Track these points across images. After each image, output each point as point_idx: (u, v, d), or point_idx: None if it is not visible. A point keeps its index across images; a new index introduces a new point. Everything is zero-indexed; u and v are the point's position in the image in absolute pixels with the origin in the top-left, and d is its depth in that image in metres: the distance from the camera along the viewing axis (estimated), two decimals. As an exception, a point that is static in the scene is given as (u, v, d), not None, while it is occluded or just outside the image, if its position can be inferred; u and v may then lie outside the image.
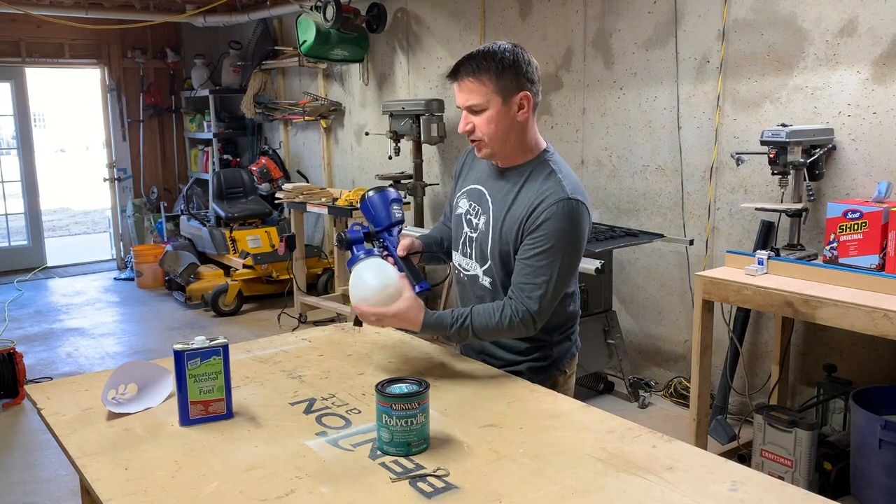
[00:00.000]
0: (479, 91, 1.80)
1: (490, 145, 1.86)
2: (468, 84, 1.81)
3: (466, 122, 1.86)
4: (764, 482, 1.36)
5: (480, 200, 1.96)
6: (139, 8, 6.90)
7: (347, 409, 1.70)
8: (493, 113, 1.82)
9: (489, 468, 1.42)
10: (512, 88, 1.81)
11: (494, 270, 1.93)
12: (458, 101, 1.87)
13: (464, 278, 2.03)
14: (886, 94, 3.13)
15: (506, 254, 1.89)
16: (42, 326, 5.82)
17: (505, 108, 1.82)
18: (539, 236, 1.80)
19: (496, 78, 1.80)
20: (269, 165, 6.75)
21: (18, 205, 7.91)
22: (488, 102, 1.81)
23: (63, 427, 1.63)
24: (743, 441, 3.31)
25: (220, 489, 1.36)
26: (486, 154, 1.90)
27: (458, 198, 2.05)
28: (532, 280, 1.80)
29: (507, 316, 1.82)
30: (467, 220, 1.99)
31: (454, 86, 1.86)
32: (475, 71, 1.80)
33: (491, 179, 1.97)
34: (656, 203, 4.10)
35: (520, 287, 1.82)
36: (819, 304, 2.64)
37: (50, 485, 3.32)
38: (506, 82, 1.80)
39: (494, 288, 1.94)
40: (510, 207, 1.88)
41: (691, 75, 3.85)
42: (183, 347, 1.62)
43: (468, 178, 2.06)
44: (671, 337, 4.14)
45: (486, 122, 1.83)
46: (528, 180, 1.87)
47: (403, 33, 5.62)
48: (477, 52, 1.83)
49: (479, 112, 1.83)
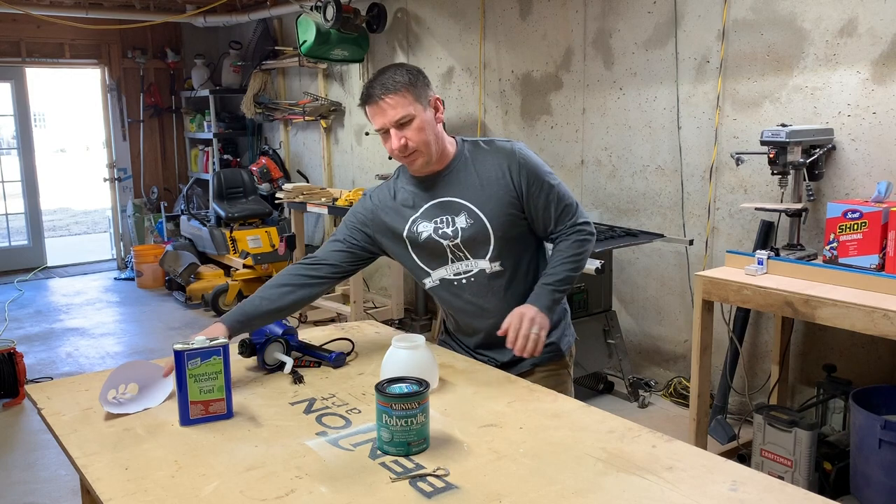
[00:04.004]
0: (403, 103, 1.88)
1: (426, 153, 1.93)
2: (390, 101, 1.87)
3: (399, 137, 1.89)
4: (764, 482, 1.36)
5: (446, 208, 1.99)
6: (139, 8, 6.90)
7: (347, 409, 1.70)
8: (421, 120, 1.90)
9: (489, 468, 1.42)
10: (424, 94, 1.92)
11: (503, 247, 1.98)
12: (383, 121, 1.90)
13: (467, 282, 2.02)
14: (886, 94, 3.13)
15: (512, 218, 1.98)
16: (42, 326, 5.82)
17: (428, 114, 1.92)
18: (533, 183, 1.97)
19: (412, 88, 1.89)
20: (269, 165, 6.76)
21: (19, 205, 7.91)
22: (415, 111, 1.89)
23: (63, 427, 1.63)
24: (743, 441, 3.31)
25: (220, 489, 1.36)
26: (423, 163, 1.95)
27: (415, 226, 2.01)
28: (561, 208, 2.01)
29: (578, 240, 2.01)
30: (441, 234, 1.99)
31: (370, 110, 1.92)
32: (393, 87, 1.88)
33: (437, 188, 2.00)
34: (656, 203, 4.10)
35: (560, 220, 2.01)
36: (819, 304, 2.64)
37: (50, 485, 3.32)
38: (418, 90, 1.90)
39: (505, 267, 2.00)
40: (482, 185, 1.97)
41: (691, 75, 3.85)
42: (183, 347, 1.62)
43: (403, 213, 2.02)
44: (671, 337, 4.14)
45: (417, 130, 1.90)
46: (475, 160, 2.00)
47: (403, 33, 5.62)
48: (382, 73, 1.92)
49: (407, 124, 1.89)
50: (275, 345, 1.97)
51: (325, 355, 2.01)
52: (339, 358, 2.00)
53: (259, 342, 1.97)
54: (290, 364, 1.93)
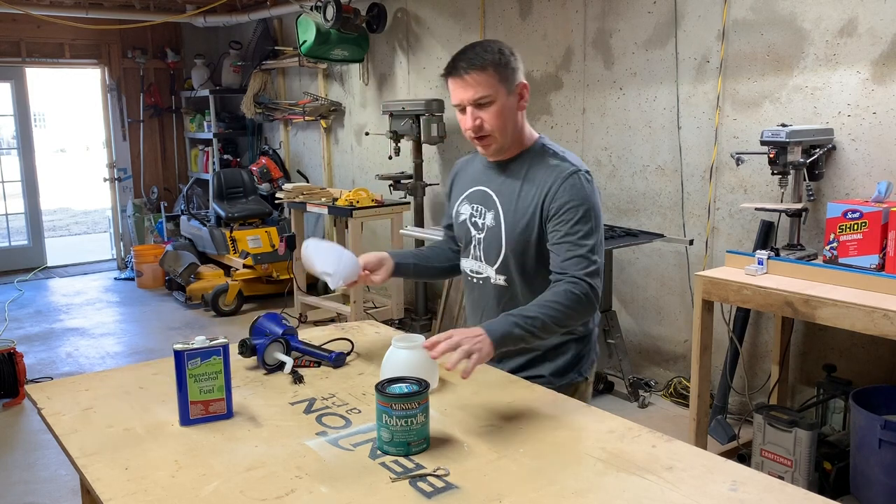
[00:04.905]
0: (487, 83, 1.77)
1: (499, 140, 1.84)
2: (474, 77, 1.77)
3: (474, 117, 1.80)
4: (764, 482, 1.36)
5: (484, 200, 1.94)
6: (139, 8, 6.91)
7: (347, 409, 1.70)
8: (501, 104, 1.79)
9: (489, 468, 1.42)
10: (512, 78, 1.81)
11: (510, 264, 1.89)
12: (461, 97, 1.81)
13: (478, 283, 2.00)
14: (886, 94, 3.13)
15: (523, 242, 1.85)
16: (42, 326, 5.82)
17: (510, 99, 1.81)
18: (566, 210, 1.77)
19: (500, 69, 1.78)
20: (269, 165, 6.76)
21: (19, 205, 7.91)
22: (496, 94, 1.78)
23: (63, 427, 1.63)
24: (743, 441, 3.31)
25: (220, 489, 1.36)
26: (495, 150, 1.87)
27: (459, 205, 2.02)
28: (577, 252, 1.76)
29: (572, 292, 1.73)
30: (473, 223, 1.96)
31: (452, 83, 1.82)
32: (480, 64, 1.77)
33: (491, 177, 1.94)
34: (656, 203, 4.10)
35: (567, 264, 1.76)
36: (819, 304, 2.64)
37: (50, 485, 3.32)
38: (507, 73, 1.80)
39: (511, 285, 1.91)
40: (519, 195, 1.86)
41: (691, 75, 3.85)
42: (183, 347, 1.62)
43: (464, 186, 2.03)
44: (671, 337, 4.14)
45: (495, 114, 1.80)
46: (532, 167, 1.86)
47: (403, 33, 5.62)
48: (473, 47, 1.81)
49: (486, 105, 1.79)
50: (275, 345, 1.97)
51: (325, 355, 2.01)
52: (339, 358, 2.00)
53: (259, 342, 1.97)
54: (290, 364, 1.93)
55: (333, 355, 2.00)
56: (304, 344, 2.06)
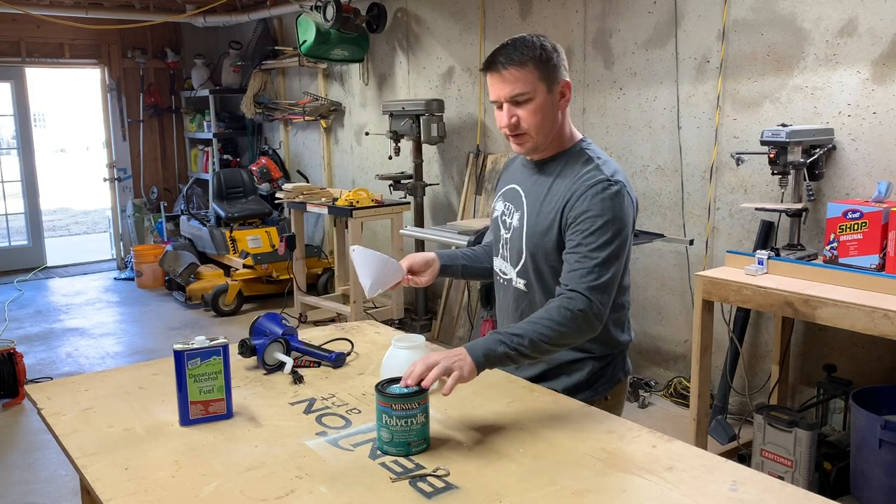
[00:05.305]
0: (525, 79, 1.70)
1: (536, 139, 1.77)
2: (512, 73, 1.70)
3: (510, 114, 1.73)
4: (764, 482, 1.36)
5: (514, 199, 1.89)
6: (139, 8, 6.91)
7: (347, 409, 1.70)
8: (540, 102, 1.72)
9: (489, 468, 1.42)
10: (554, 76, 1.74)
11: (528, 268, 1.83)
12: (498, 93, 1.74)
13: (503, 284, 1.94)
14: (886, 94, 3.13)
15: (542, 247, 1.78)
16: (42, 326, 5.82)
17: (550, 97, 1.74)
18: (583, 220, 1.69)
19: (541, 65, 1.71)
20: (269, 165, 6.76)
21: (18, 205, 7.91)
22: (535, 91, 1.71)
23: (63, 427, 1.63)
24: (743, 441, 3.31)
25: (220, 489, 1.36)
26: (530, 148, 1.80)
27: (496, 202, 1.97)
28: (584, 264, 1.66)
29: (567, 308, 1.62)
30: (502, 222, 1.91)
31: (490, 78, 1.75)
32: (519, 59, 1.70)
33: (526, 176, 1.88)
34: (656, 203, 4.10)
35: (570, 276, 1.67)
36: (819, 304, 2.64)
37: (50, 485, 3.32)
38: (549, 70, 1.72)
39: (530, 290, 1.84)
40: (545, 198, 1.79)
41: (691, 75, 3.85)
42: (183, 347, 1.62)
43: (504, 182, 1.98)
44: (671, 337, 4.14)
45: (533, 112, 1.73)
46: (565, 169, 1.79)
47: (403, 33, 5.62)
48: (514, 41, 1.74)
49: (523, 103, 1.72)
50: (275, 345, 1.97)
51: (324, 355, 2.01)
52: (339, 358, 2.00)
53: (259, 342, 1.97)
54: (290, 364, 1.93)
55: (333, 355, 2.00)
56: (303, 344, 2.06)
